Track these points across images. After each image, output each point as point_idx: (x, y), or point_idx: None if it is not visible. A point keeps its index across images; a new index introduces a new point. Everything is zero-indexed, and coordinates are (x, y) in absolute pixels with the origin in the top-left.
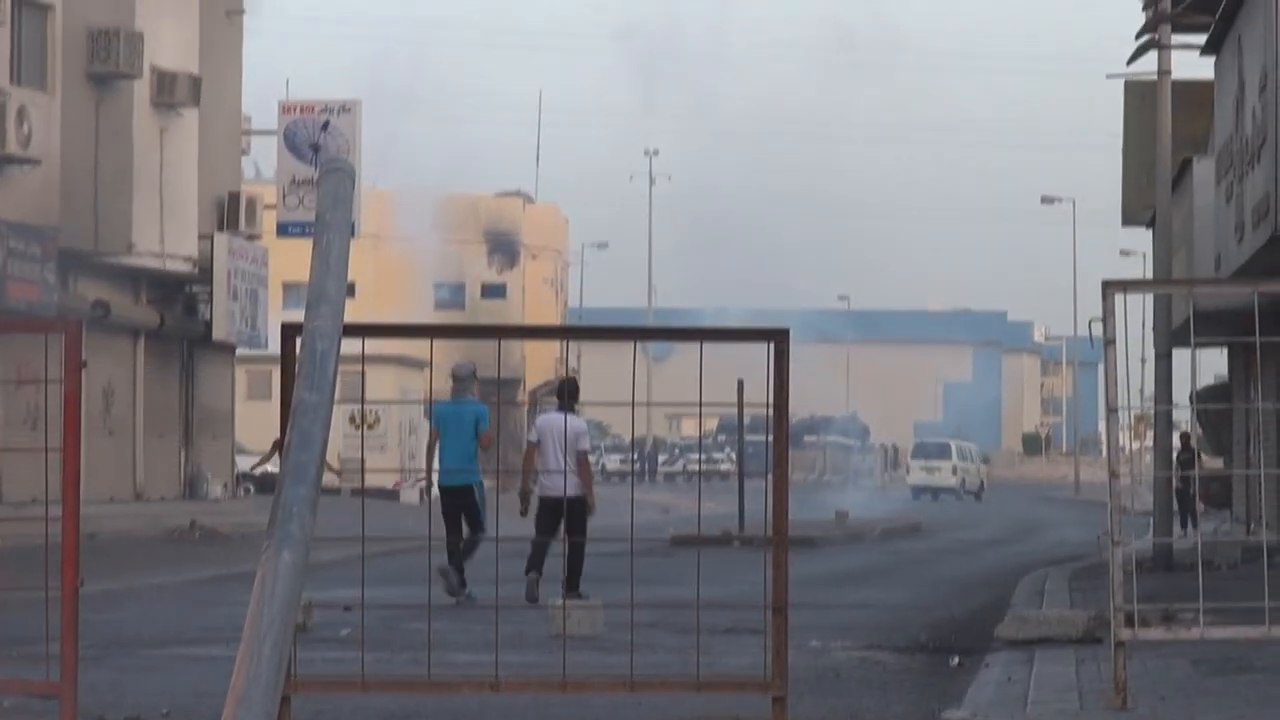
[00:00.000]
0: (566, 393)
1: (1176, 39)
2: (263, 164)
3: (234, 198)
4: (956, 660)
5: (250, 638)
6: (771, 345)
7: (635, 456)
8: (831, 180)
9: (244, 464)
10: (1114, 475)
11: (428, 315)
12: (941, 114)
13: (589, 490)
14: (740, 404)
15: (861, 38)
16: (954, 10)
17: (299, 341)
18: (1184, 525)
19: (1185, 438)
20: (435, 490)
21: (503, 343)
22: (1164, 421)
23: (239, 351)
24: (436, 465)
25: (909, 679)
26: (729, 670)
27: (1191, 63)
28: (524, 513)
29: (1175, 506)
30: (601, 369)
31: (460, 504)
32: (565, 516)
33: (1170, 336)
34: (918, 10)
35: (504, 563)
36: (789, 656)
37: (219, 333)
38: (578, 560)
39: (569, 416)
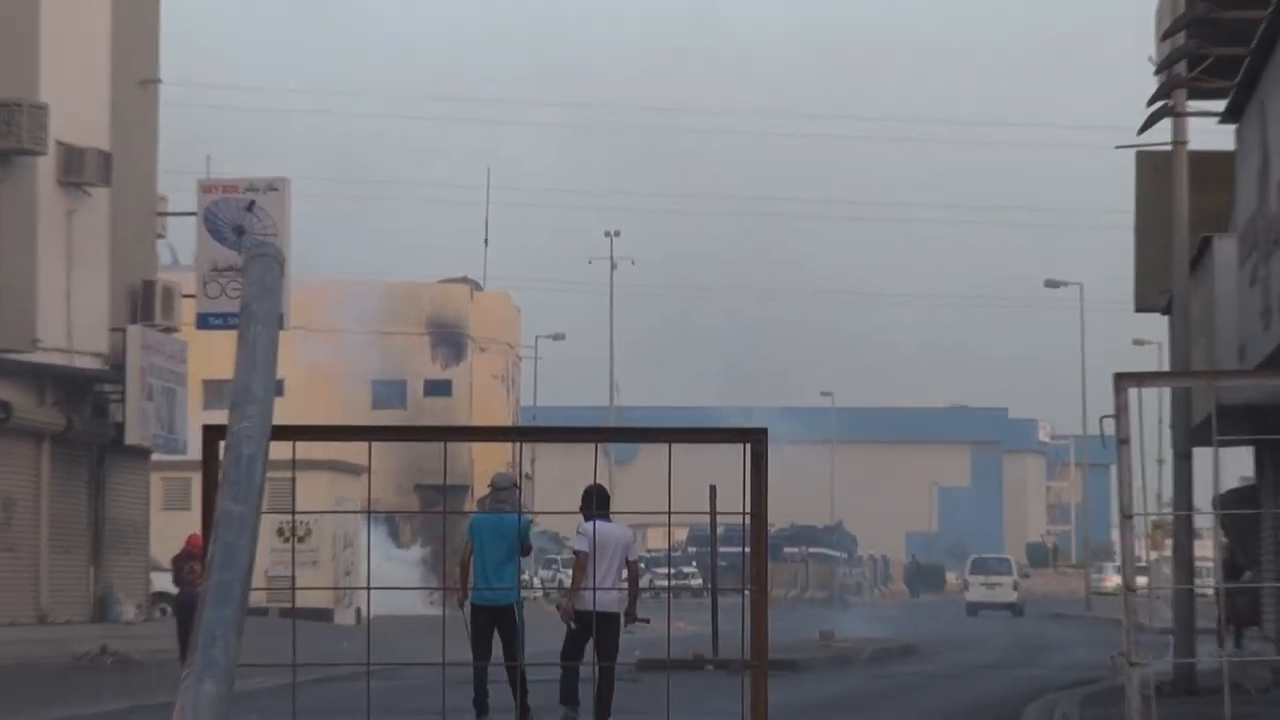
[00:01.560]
0: (595, 501)
1: (1193, 105)
2: (180, 249)
3: (149, 286)
4: None
5: None
6: (748, 447)
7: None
8: (813, 264)
9: (160, 582)
10: (1129, 589)
11: (365, 416)
12: (934, 191)
13: (634, 602)
14: (713, 512)
15: (842, 103)
16: (944, 74)
17: (222, 445)
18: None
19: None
20: (467, 607)
21: (450, 446)
22: (1185, 529)
23: (154, 457)
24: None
25: None
26: None
27: (1210, 131)
28: (572, 625)
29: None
30: (558, 474)
31: (498, 625)
32: (598, 636)
33: (1190, 435)
34: (903, 73)
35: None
36: None
37: (132, 436)
38: (609, 686)
39: (614, 526)
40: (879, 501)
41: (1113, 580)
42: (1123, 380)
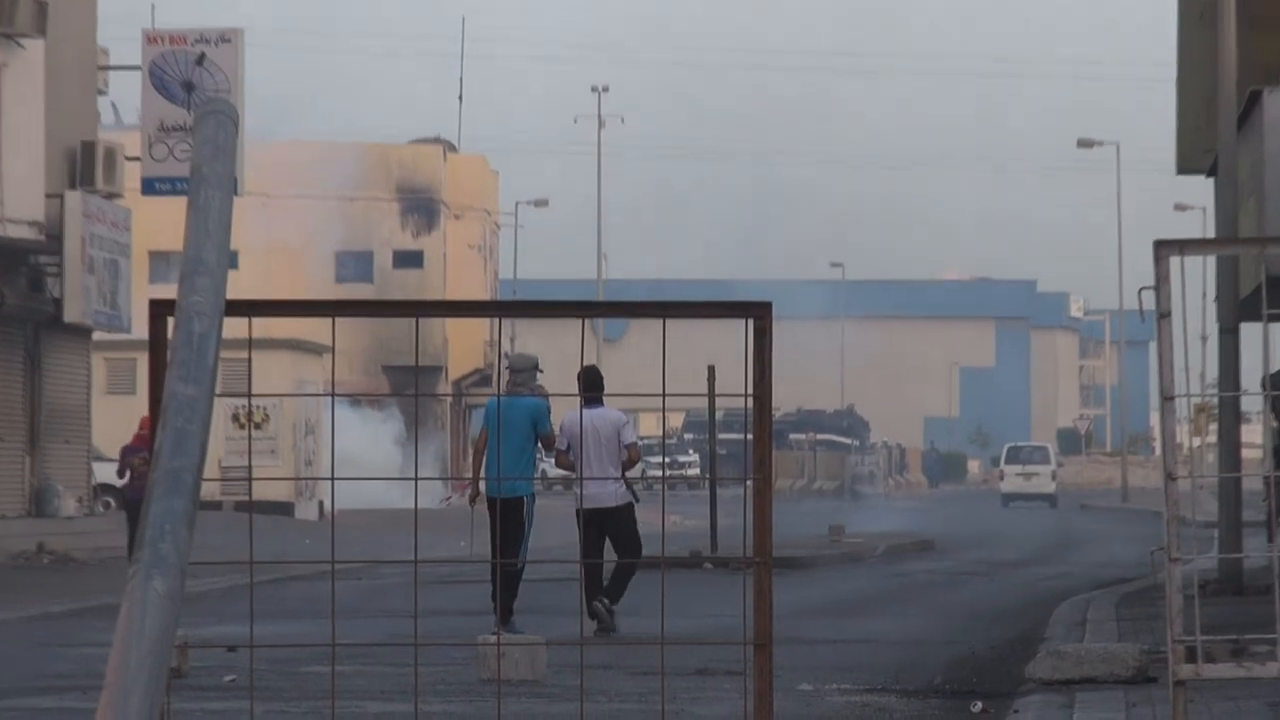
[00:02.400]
0: (584, 383)
1: None
2: (124, 107)
3: (89, 148)
4: (979, 706)
5: (114, 685)
6: (750, 322)
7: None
8: (824, 122)
9: (103, 473)
10: (1171, 478)
11: (328, 290)
12: (955, 42)
13: (629, 485)
14: (711, 395)
15: None
16: None
17: (171, 322)
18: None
19: None
20: (481, 499)
21: (421, 323)
22: (1231, 412)
23: (96, 336)
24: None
25: None
26: (701, 719)
27: None
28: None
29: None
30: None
31: (505, 519)
32: (611, 529)
33: (1238, 308)
34: None
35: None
36: (775, 703)
37: (71, 313)
38: (629, 569)
39: (603, 410)
40: (894, 384)
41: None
42: (1163, 248)
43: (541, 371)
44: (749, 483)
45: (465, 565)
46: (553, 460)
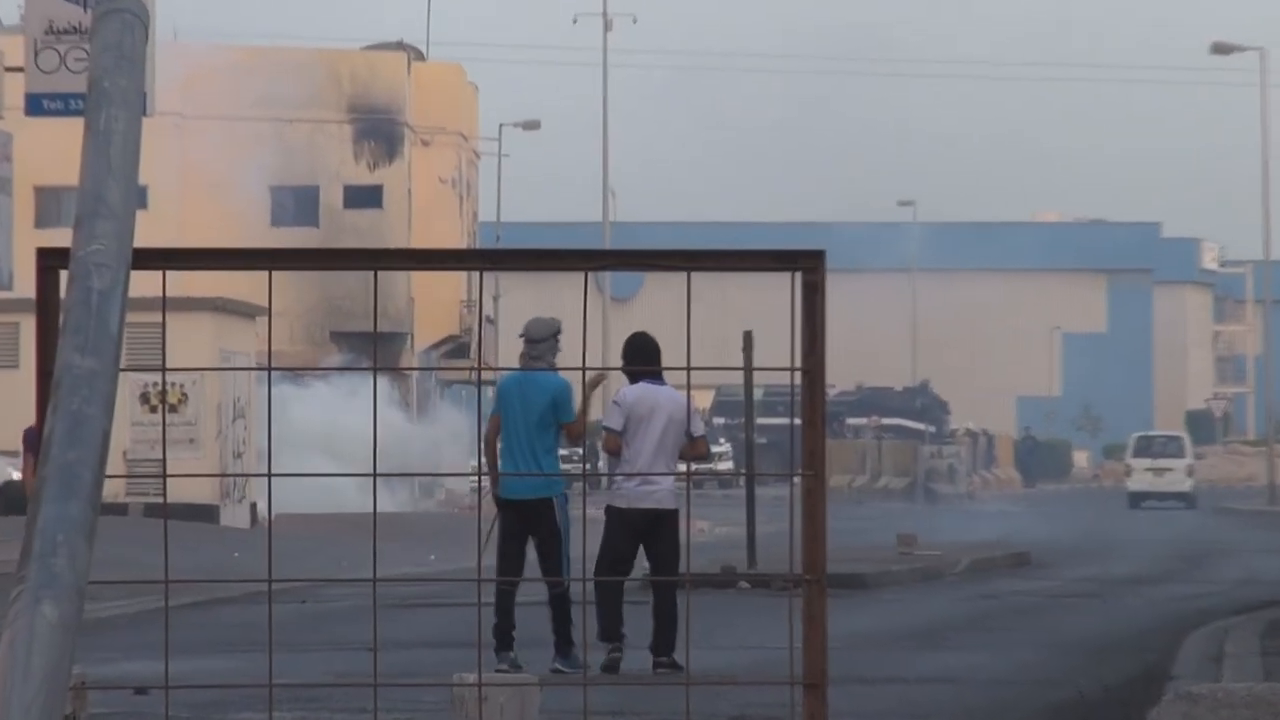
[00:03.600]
0: (635, 355)
1: None
2: (3, 5)
3: None
4: None
5: None
6: (797, 276)
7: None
8: (888, 26)
9: None
10: None
11: (262, 234)
12: None
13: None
14: (748, 369)
15: None
16: None
17: (64, 277)
18: None
19: None
20: (487, 500)
21: (381, 278)
22: None
23: None
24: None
25: None
26: None
27: None
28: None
29: None
30: (531, 313)
31: (530, 525)
32: (651, 542)
33: None
34: None
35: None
36: None
37: None
38: (670, 608)
39: (667, 389)
40: (980, 354)
41: None
42: None
43: (559, 342)
44: (796, 480)
45: (437, 584)
46: (574, 449)
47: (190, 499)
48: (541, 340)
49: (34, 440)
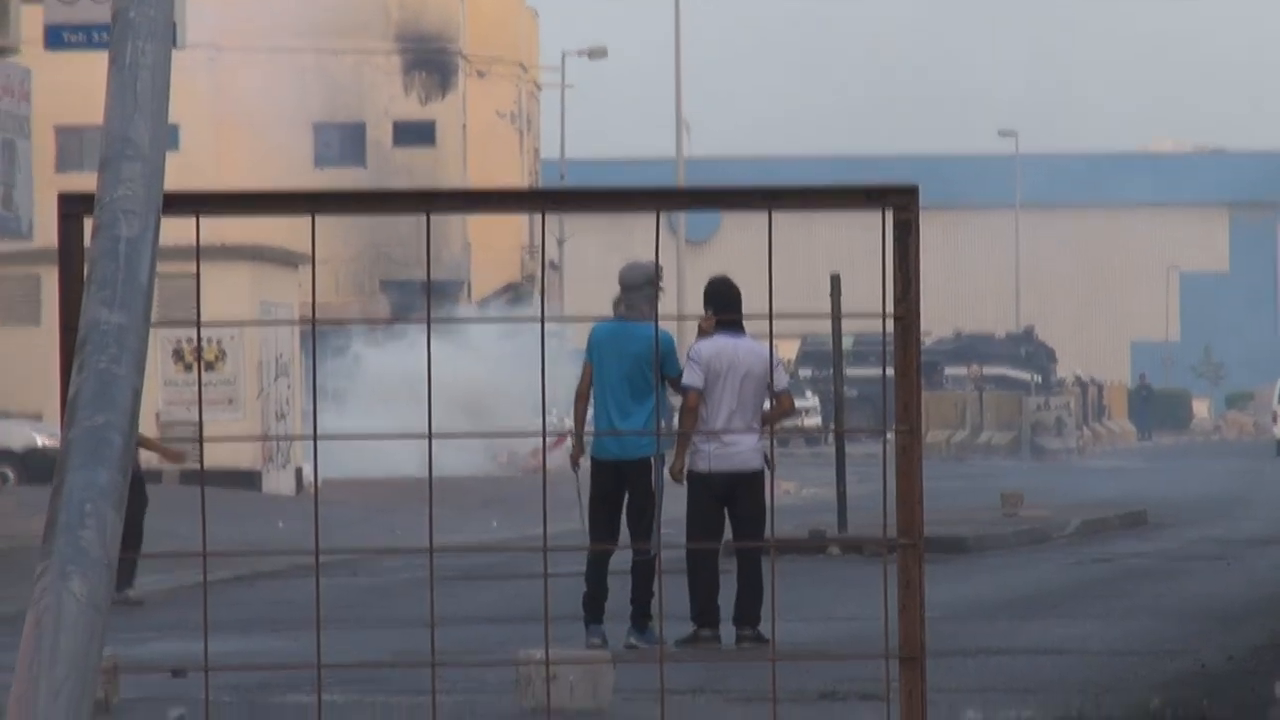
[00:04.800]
0: (715, 301)
1: None
2: None
3: None
4: None
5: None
6: (889, 213)
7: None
8: None
9: (8, 433)
10: None
11: (305, 176)
12: None
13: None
14: (836, 315)
15: None
16: None
17: (89, 225)
18: None
19: None
20: (585, 461)
21: (435, 221)
22: None
23: None
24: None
25: None
26: None
27: None
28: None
29: None
30: (596, 261)
31: (629, 488)
32: (742, 502)
33: None
34: None
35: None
36: None
37: None
38: (756, 576)
39: (747, 341)
40: (1089, 297)
41: None
42: None
43: (663, 289)
44: (890, 436)
45: (502, 554)
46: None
47: (230, 464)
48: (636, 287)
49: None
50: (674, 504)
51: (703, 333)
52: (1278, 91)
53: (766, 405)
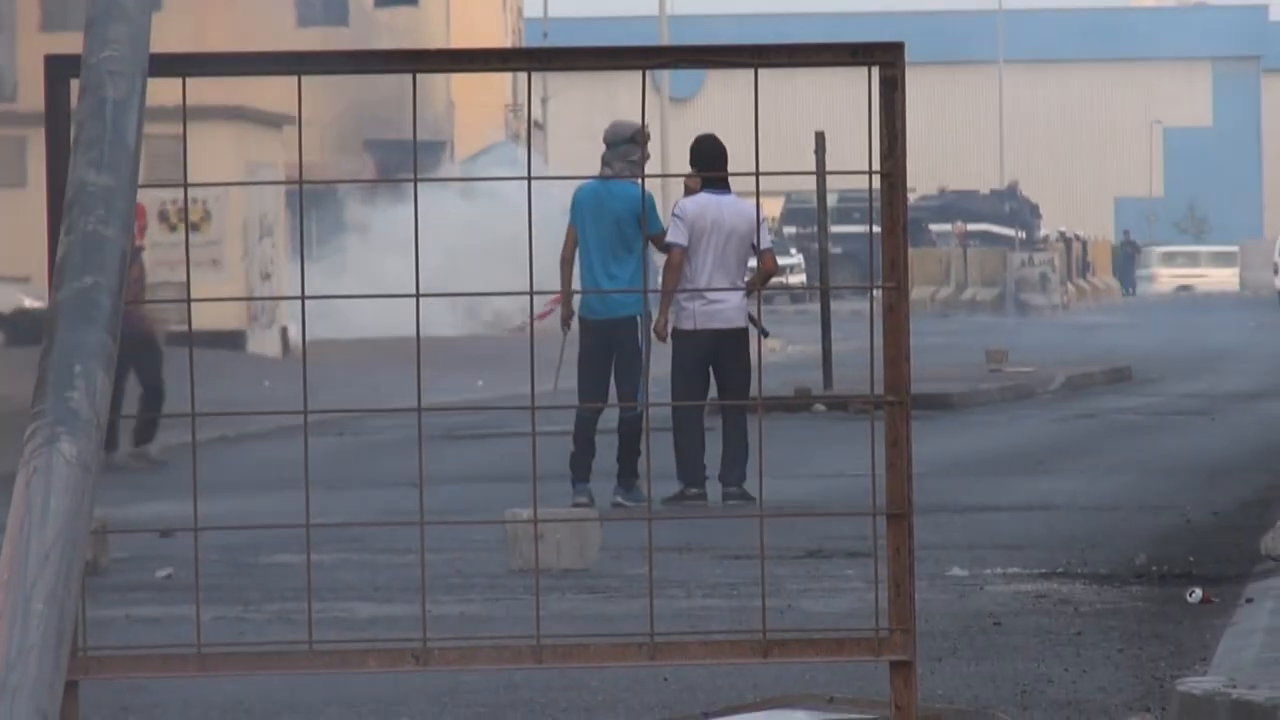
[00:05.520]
0: (701, 159)
1: None
2: None
3: None
4: (1198, 594)
5: (9, 585)
6: (874, 70)
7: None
8: None
9: None
10: None
11: (287, 38)
12: None
13: (758, 308)
14: (821, 172)
15: None
16: None
17: (75, 86)
18: None
19: None
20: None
21: (420, 80)
22: None
23: None
24: (576, 283)
25: (1118, 627)
26: (815, 620)
27: None
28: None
29: None
30: (580, 120)
31: (615, 347)
32: (720, 364)
33: None
34: None
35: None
36: (916, 594)
37: None
38: (741, 434)
39: (731, 199)
40: (1072, 152)
41: None
42: None
43: (648, 152)
44: (876, 293)
45: (488, 413)
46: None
47: (215, 326)
48: (619, 144)
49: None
50: (660, 363)
51: (689, 191)
52: None
53: (752, 263)
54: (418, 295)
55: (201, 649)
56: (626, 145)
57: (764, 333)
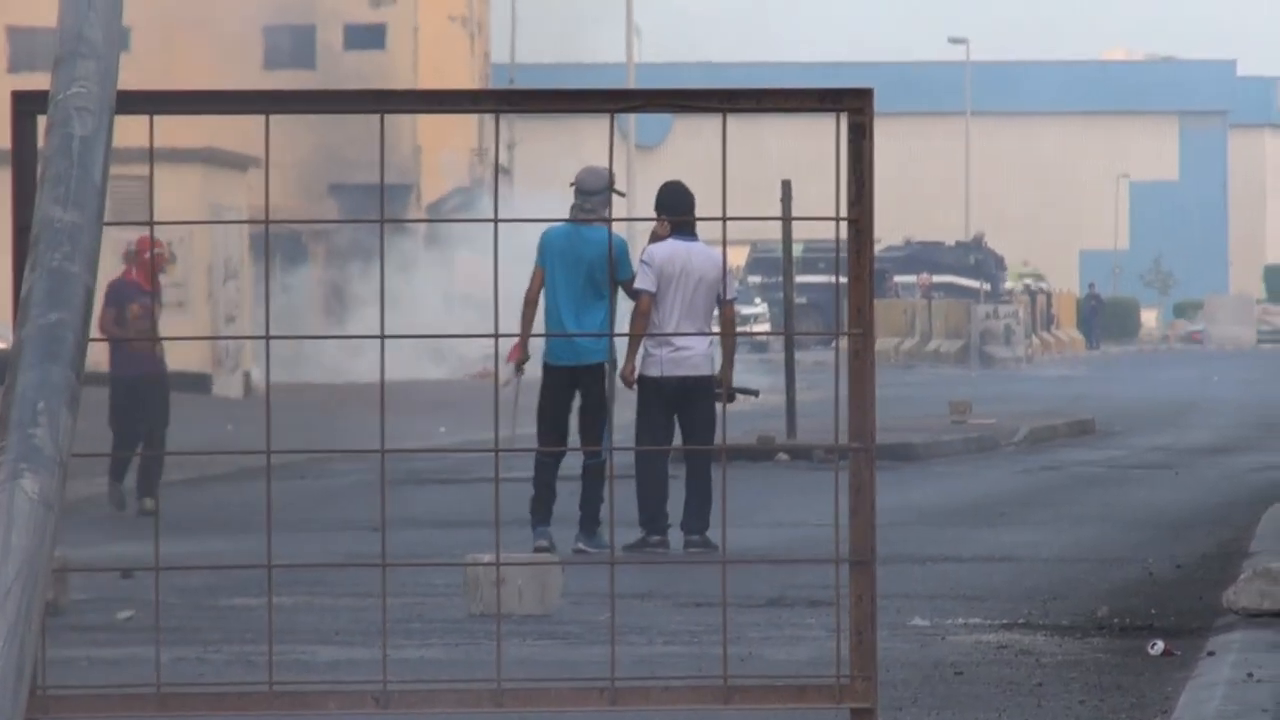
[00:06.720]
0: (668, 206)
1: None
2: None
3: None
4: (1159, 647)
5: None
6: (843, 117)
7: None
8: None
9: None
10: None
11: (255, 78)
12: None
13: (729, 364)
14: (787, 219)
15: None
16: None
17: (43, 123)
18: None
19: None
20: (525, 366)
21: (388, 122)
22: None
23: None
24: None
25: (1079, 678)
26: (776, 668)
27: None
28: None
29: None
30: (548, 165)
31: (578, 391)
32: (690, 408)
33: None
34: None
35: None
36: (879, 643)
37: None
38: (705, 482)
39: (700, 246)
40: (1039, 205)
41: None
42: None
43: (623, 194)
44: (840, 343)
45: (450, 458)
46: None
47: (180, 368)
48: (594, 193)
49: (123, 297)
50: (624, 410)
51: (656, 237)
52: (1226, 1)
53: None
54: (383, 337)
55: (161, 689)
56: (603, 194)
57: (753, 393)
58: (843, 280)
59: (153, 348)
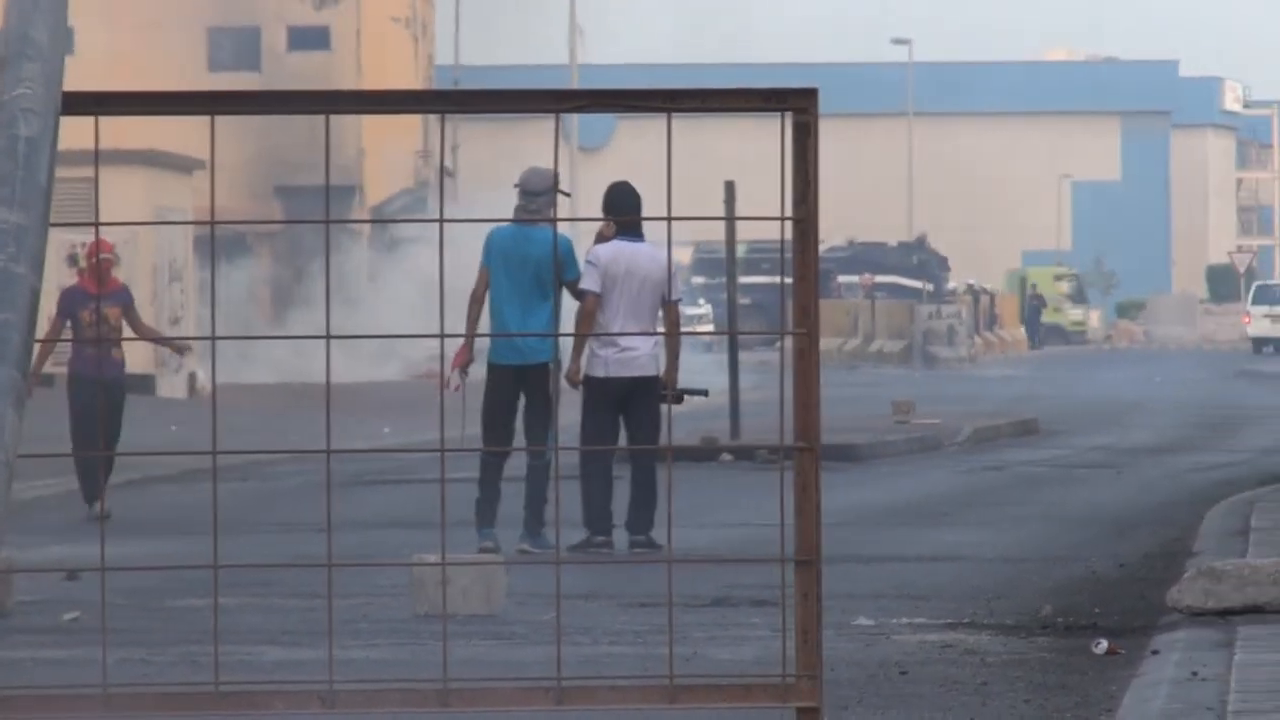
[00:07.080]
0: (615, 207)
1: None
2: None
3: None
4: (1103, 646)
5: None
6: (788, 116)
7: None
8: None
9: None
10: None
11: (200, 80)
12: None
13: (674, 366)
14: (730, 220)
15: None
16: None
17: None
18: None
19: None
20: (469, 367)
21: (333, 122)
22: None
23: None
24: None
25: (1024, 677)
26: (721, 668)
27: None
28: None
29: None
30: (489, 167)
31: (522, 392)
32: (629, 411)
33: None
34: None
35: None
36: (824, 642)
37: None
38: (649, 483)
39: (646, 247)
40: (982, 205)
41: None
42: None
43: (568, 194)
44: (786, 342)
45: (395, 459)
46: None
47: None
48: (539, 193)
49: (75, 304)
50: (569, 411)
51: (602, 238)
52: (1169, 1)
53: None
54: (328, 337)
55: (108, 690)
56: (547, 194)
57: (701, 393)
58: (787, 280)
59: (111, 351)
